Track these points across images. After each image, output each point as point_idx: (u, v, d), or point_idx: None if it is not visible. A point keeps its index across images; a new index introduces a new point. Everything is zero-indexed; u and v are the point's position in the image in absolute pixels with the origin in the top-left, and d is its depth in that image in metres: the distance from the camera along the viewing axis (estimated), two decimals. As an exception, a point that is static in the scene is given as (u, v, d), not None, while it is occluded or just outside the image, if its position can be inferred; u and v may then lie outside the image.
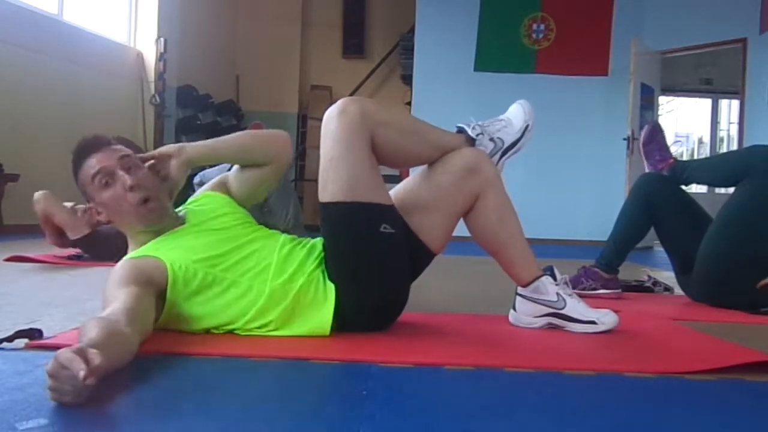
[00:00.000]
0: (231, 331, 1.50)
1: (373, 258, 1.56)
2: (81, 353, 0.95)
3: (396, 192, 1.71)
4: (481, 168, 1.66)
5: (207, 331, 1.50)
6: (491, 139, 1.73)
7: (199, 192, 1.75)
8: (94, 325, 1.12)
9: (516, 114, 1.78)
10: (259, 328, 1.50)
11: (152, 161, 1.57)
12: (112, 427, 0.94)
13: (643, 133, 2.67)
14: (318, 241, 1.64)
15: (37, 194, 2.99)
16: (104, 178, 1.53)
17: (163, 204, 1.58)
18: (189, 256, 1.50)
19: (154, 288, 1.44)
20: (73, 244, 3.21)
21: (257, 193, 1.76)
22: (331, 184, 1.55)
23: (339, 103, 1.57)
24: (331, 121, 1.56)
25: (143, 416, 0.97)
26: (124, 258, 1.51)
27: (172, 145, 1.64)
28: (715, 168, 2.52)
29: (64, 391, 0.94)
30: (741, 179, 2.29)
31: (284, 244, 1.61)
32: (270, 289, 1.50)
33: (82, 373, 0.91)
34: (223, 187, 1.74)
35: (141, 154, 1.61)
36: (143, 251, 1.53)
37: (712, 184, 2.90)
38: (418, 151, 1.68)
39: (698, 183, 2.58)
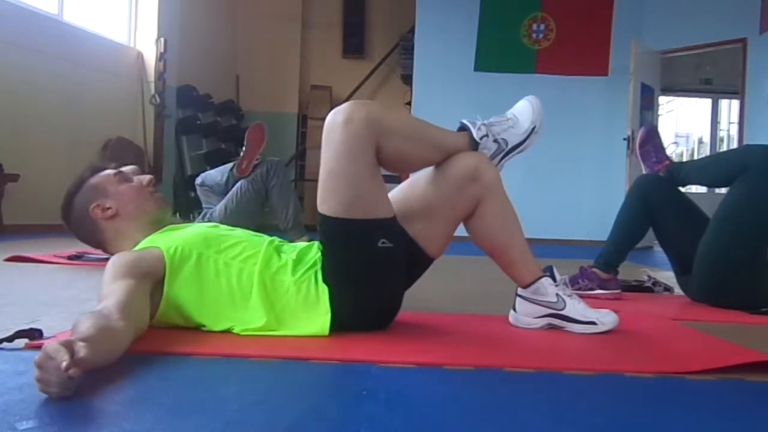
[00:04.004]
0: (229, 331, 1.50)
1: (369, 270, 1.56)
2: (68, 345, 0.97)
3: (395, 196, 1.69)
4: (482, 174, 1.64)
5: (204, 326, 1.51)
6: (495, 140, 1.69)
7: None
8: (85, 320, 1.14)
9: (523, 112, 1.73)
10: (254, 329, 1.49)
11: None
12: (111, 426, 0.94)
13: (638, 136, 2.68)
14: (314, 245, 1.65)
15: None
16: (124, 177, 1.71)
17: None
18: (183, 239, 1.55)
19: (150, 278, 1.46)
20: None
21: None
22: (331, 198, 1.52)
23: (343, 109, 1.51)
24: (335, 130, 1.50)
25: (143, 416, 0.97)
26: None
27: None
28: (710, 168, 2.52)
29: (49, 382, 0.95)
30: (736, 178, 2.29)
31: (272, 241, 1.66)
32: (259, 272, 1.52)
33: (64, 364, 0.92)
34: None
35: None
36: (139, 246, 1.58)
37: (708, 185, 2.90)
38: (422, 156, 1.65)
39: (695, 184, 2.58)
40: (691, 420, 1.05)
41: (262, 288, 1.51)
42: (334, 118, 1.51)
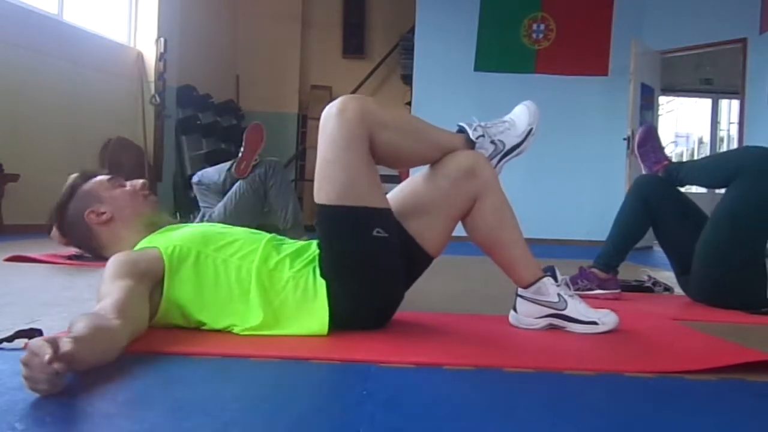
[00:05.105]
0: (229, 330, 1.50)
1: (364, 261, 1.56)
2: (51, 341, 0.97)
3: (393, 195, 1.70)
4: (479, 171, 1.65)
5: (204, 324, 1.51)
6: (492, 142, 1.72)
7: None
8: (80, 320, 1.15)
9: (520, 116, 1.76)
10: (254, 327, 1.49)
11: None
12: (111, 426, 0.94)
13: (637, 136, 2.68)
14: (312, 242, 1.65)
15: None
16: (117, 181, 1.73)
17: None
18: (181, 239, 1.56)
19: (149, 278, 1.46)
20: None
21: None
22: (326, 185, 1.55)
23: (338, 101, 1.56)
24: (330, 119, 1.54)
25: (143, 416, 0.97)
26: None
27: None
28: (708, 169, 2.52)
29: (37, 379, 0.95)
30: (734, 179, 2.29)
31: (271, 239, 1.66)
32: (257, 269, 1.53)
33: (47, 357, 0.92)
34: None
35: None
36: (137, 247, 1.58)
37: (706, 185, 2.91)
38: (417, 152, 1.67)
39: (693, 184, 2.58)
40: (691, 420, 1.05)
41: (260, 284, 1.52)
42: (330, 110, 1.56)
